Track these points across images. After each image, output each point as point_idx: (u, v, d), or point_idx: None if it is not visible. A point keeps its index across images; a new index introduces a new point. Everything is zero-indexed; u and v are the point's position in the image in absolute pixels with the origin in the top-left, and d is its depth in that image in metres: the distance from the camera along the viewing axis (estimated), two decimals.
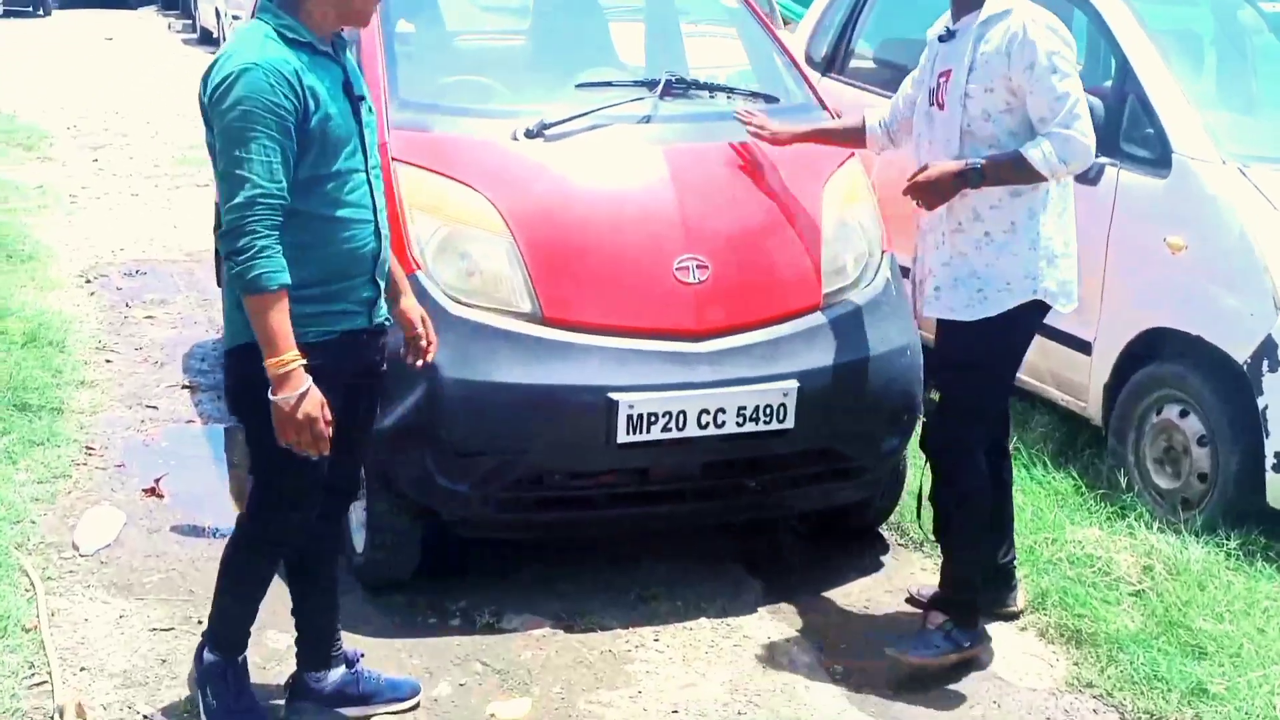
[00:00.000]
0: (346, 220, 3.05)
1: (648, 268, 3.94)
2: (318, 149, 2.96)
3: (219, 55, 2.94)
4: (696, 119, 4.41)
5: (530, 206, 3.97)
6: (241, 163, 2.84)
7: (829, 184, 4.34)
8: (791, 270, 4.11)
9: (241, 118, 2.84)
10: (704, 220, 4.05)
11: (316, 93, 2.94)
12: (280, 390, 2.89)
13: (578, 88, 4.39)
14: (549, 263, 3.90)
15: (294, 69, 2.91)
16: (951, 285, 3.70)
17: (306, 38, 2.98)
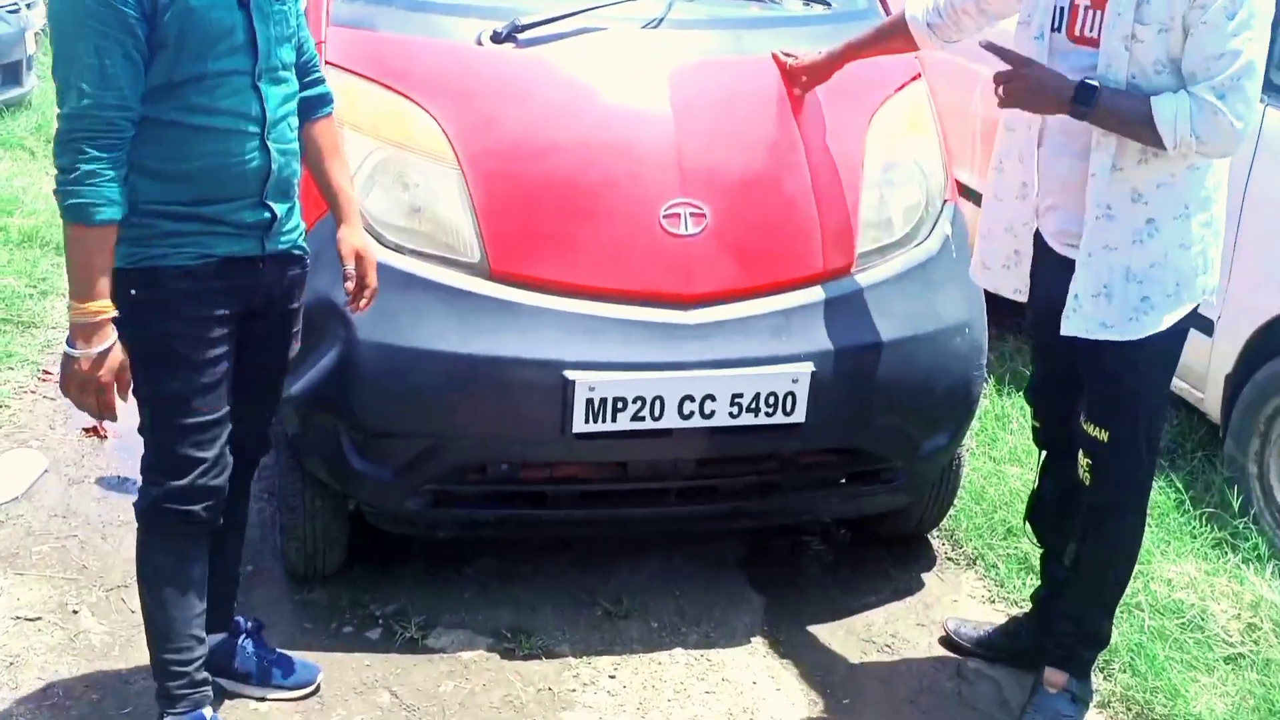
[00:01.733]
0: (217, 131, 2.48)
1: (627, 214, 3.12)
2: (175, 46, 2.38)
3: None
4: (720, 25, 3.52)
5: (486, 131, 3.17)
6: (70, 64, 2.33)
7: (879, 113, 3.44)
8: (815, 222, 3.24)
9: (68, 7, 2.32)
10: (705, 156, 3.20)
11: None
12: (79, 341, 2.41)
13: None
14: (503, 203, 3.11)
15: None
16: (1100, 293, 2.78)
17: None
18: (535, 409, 3.02)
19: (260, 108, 2.51)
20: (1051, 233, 2.93)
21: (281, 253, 2.67)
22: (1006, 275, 3.09)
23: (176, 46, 2.37)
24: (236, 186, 2.53)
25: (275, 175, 2.57)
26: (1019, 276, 3.06)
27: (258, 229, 2.59)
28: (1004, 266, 3.08)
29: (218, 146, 2.47)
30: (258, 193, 2.56)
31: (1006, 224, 3.04)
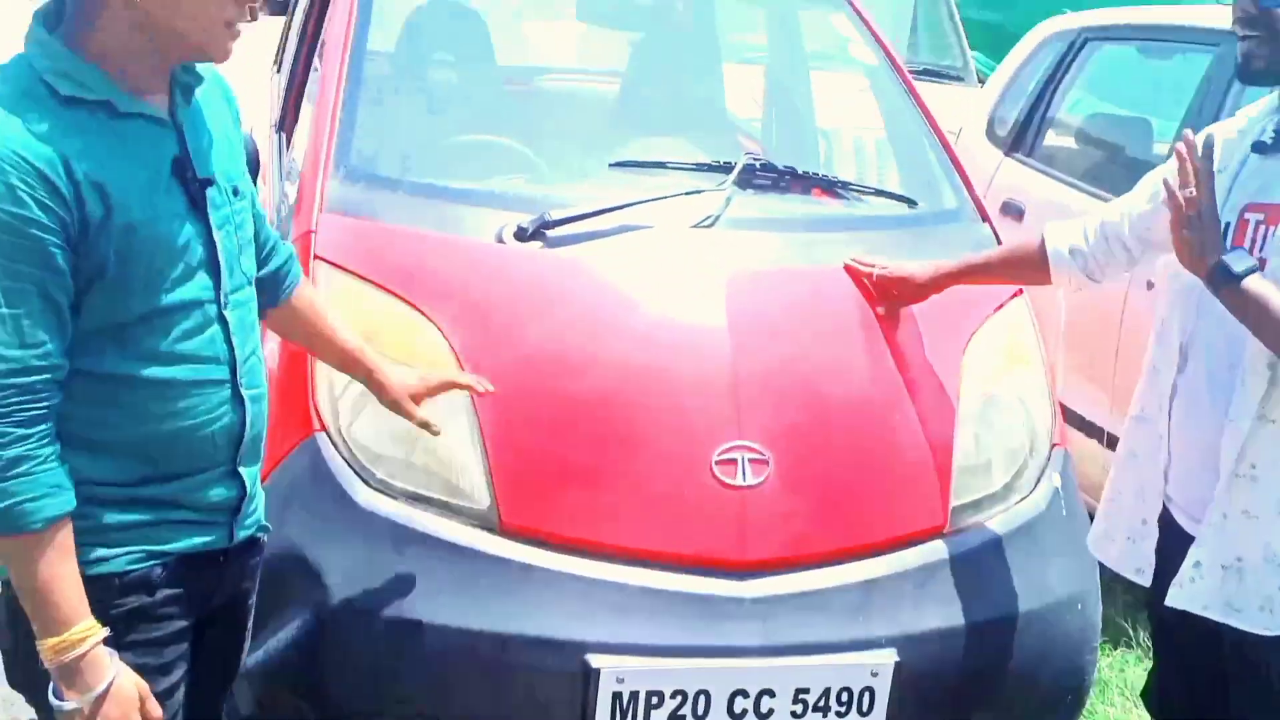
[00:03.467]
0: (177, 384, 1.85)
1: (672, 458, 2.54)
2: (116, 277, 1.75)
3: None
4: (784, 226, 2.97)
5: (503, 347, 2.61)
6: None
7: (976, 337, 2.88)
8: (901, 471, 2.66)
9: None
10: (768, 388, 2.63)
11: (105, 189, 1.71)
12: (68, 691, 1.76)
13: (613, 167, 3.00)
14: (520, 439, 2.53)
15: (55, 155, 1.67)
16: (1231, 565, 2.22)
17: (97, 92, 1.73)
18: (548, 702, 2.41)
19: (228, 345, 1.90)
20: (1182, 504, 2.34)
21: (247, 539, 2.06)
22: (1131, 550, 2.49)
23: (117, 277, 1.75)
24: (201, 455, 1.90)
25: (249, 433, 1.96)
26: (1143, 553, 2.46)
27: (224, 511, 1.97)
28: (1129, 539, 2.49)
29: (177, 405, 1.84)
30: (228, 460, 1.94)
31: (1138, 487, 2.44)
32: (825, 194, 3.15)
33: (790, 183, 3.09)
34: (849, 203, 3.15)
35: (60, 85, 1.70)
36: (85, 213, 1.68)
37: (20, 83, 1.70)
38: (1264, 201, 2.17)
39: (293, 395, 2.58)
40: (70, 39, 1.73)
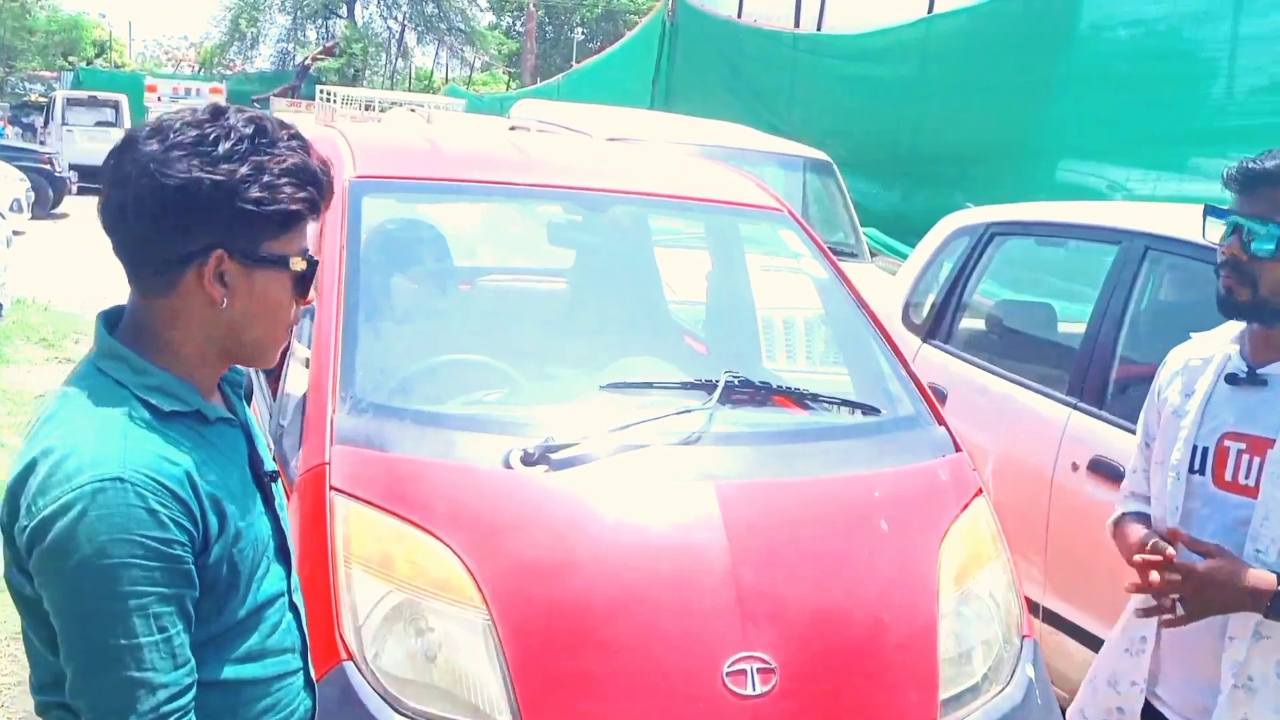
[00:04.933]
0: (264, 681, 1.83)
1: (685, 672, 2.68)
2: (225, 587, 1.74)
3: (34, 452, 1.64)
4: (764, 439, 3.18)
5: (520, 570, 2.74)
6: (122, 655, 1.60)
7: (948, 537, 3.09)
8: (893, 672, 2.84)
9: (105, 578, 1.58)
10: (770, 600, 2.80)
11: (219, 500, 1.71)
12: None
13: (603, 389, 3.20)
14: (541, 657, 2.66)
15: (183, 472, 1.66)
16: None
17: (189, 403, 1.74)
18: None
19: (300, 632, 1.91)
20: (1175, 705, 2.53)
21: None
22: None
23: (229, 584, 1.73)
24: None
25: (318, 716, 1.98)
26: None
27: None
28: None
29: (264, 702, 1.82)
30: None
31: (1110, 676, 2.65)
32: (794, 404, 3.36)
33: (764, 396, 3.31)
34: (817, 412, 3.37)
35: (160, 401, 1.68)
36: (207, 526, 1.67)
37: (119, 402, 1.67)
38: (1244, 431, 2.39)
39: (316, 623, 2.68)
40: (146, 350, 1.72)
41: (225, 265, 1.68)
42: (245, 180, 1.66)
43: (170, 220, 1.65)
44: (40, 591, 1.62)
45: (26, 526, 1.59)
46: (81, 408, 1.66)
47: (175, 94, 34.01)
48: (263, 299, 1.73)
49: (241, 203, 1.66)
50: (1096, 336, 4.48)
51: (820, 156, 9.33)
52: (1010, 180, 8.55)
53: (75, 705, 1.63)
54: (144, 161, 1.65)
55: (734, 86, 13.50)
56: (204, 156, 1.65)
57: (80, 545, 1.56)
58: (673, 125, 9.74)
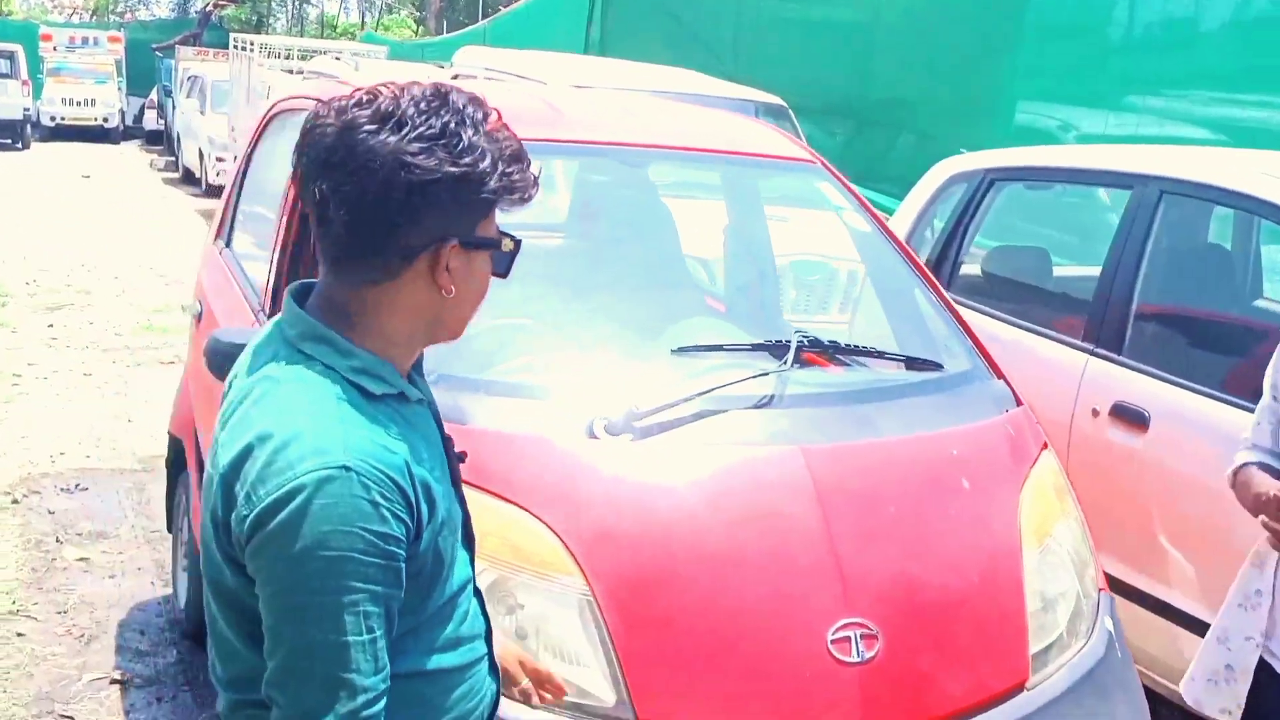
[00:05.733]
0: (457, 670, 1.79)
1: (791, 641, 2.64)
2: (429, 576, 1.69)
3: (248, 437, 1.60)
4: (838, 400, 3.12)
5: (614, 542, 2.68)
6: (329, 651, 1.55)
7: (1024, 491, 3.07)
8: (986, 631, 2.83)
9: (323, 571, 1.53)
10: (868, 564, 2.76)
11: (430, 487, 1.65)
12: None
13: (674, 353, 3.11)
14: (644, 631, 2.60)
15: (402, 461, 1.60)
16: None
17: (395, 385, 1.69)
18: None
19: (484, 617, 1.88)
20: None
21: None
22: (1213, 693, 2.68)
23: (431, 574, 1.68)
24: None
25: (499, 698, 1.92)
26: (1230, 696, 2.66)
27: None
28: (1210, 681, 2.69)
29: (457, 690, 1.78)
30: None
31: (1221, 633, 2.65)
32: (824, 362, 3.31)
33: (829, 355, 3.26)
34: (879, 370, 3.32)
35: (369, 384, 1.64)
36: (420, 514, 1.61)
37: (330, 386, 1.62)
38: None
39: None
40: (347, 332, 1.66)
41: (453, 253, 1.65)
42: (486, 171, 1.62)
43: (413, 213, 1.60)
44: (254, 579, 1.58)
45: (247, 516, 1.55)
46: (292, 392, 1.61)
47: (72, 43, 32.96)
48: (476, 281, 1.71)
49: (483, 194, 1.63)
50: (1112, 282, 4.48)
51: (775, 101, 9.26)
52: (966, 124, 8.55)
53: (271, 696, 1.58)
54: (386, 154, 1.58)
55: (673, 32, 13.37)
56: (450, 150, 1.60)
57: (302, 535, 1.51)
58: (625, 72, 9.61)
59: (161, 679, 4.56)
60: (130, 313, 10.97)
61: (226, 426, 1.65)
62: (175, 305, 11.35)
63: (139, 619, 5.04)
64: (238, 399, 1.66)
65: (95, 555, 5.64)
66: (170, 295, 11.84)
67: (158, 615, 5.07)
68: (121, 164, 26.14)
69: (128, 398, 8.24)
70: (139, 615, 5.07)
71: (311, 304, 1.70)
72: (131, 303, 11.42)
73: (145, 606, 5.15)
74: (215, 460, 1.64)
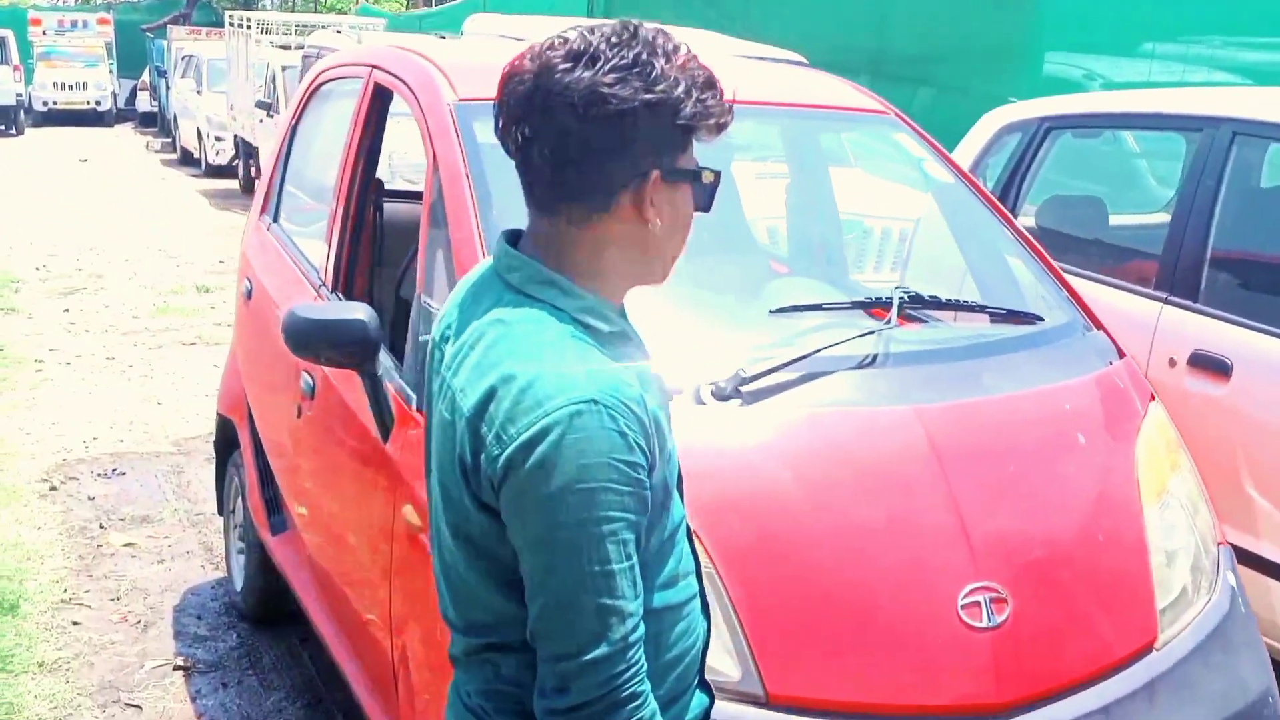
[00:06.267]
0: (678, 607, 1.78)
1: (920, 608, 2.53)
2: (659, 509, 1.69)
3: (490, 380, 1.60)
4: (944, 357, 3.01)
5: (733, 511, 2.56)
6: (596, 582, 1.57)
7: (1139, 442, 2.97)
8: (1113, 590, 2.73)
9: (584, 503, 1.55)
10: (993, 525, 2.65)
11: (659, 421, 1.68)
12: None
13: (773, 314, 3.00)
14: (770, 602, 2.49)
15: (639, 393, 1.62)
16: None
17: (618, 325, 1.72)
18: None
19: (693, 553, 1.86)
20: None
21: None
22: None
23: (660, 508, 1.68)
24: (690, 674, 1.84)
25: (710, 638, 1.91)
26: None
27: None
28: None
29: (679, 627, 1.77)
30: (699, 669, 1.87)
31: None
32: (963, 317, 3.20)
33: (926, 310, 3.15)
34: (978, 325, 3.22)
35: (597, 323, 1.66)
36: (653, 446, 1.62)
37: (562, 326, 1.63)
38: None
39: None
40: (569, 275, 1.68)
41: (656, 186, 1.65)
42: (681, 98, 1.62)
43: (615, 147, 1.61)
44: (505, 522, 1.59)
45: (499, 455, 1.56)
46: (527, 332, 1.63)
47: (61, 26, 32.65)
48: (681, 214, 1.70)
49: (679, 120, 1.62)
50: (1185, 227, 4.37)
51: (794, 58, 9.10)
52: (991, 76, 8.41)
53: (538, 633, 1.60)
54: (583, 88, 1.59)
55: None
56: (645, 78, 1.60)
57: (560, 469, 1.53)
58: None
59: (224, 664, 4.47)
60: (144, 295, 10.86)
61: (459, 372, 1.65)
62: (188, 286, 11.24)
63: (194, 603, 4.95)
64: (468, 343, 1.67)
65: (141, 540, 5.55)
66: (182, 276, 11.74)
67: (212, 599, 4.98)
68: (117, 147, 25.93)
69: (153, 380, 8.14)
70: (193, 600, 4.98)
71: (526, 248, 1.71)
72: (144, 285, 11.31)
73: (198, 590, 5.06)
74: (454, 405, 1.64)
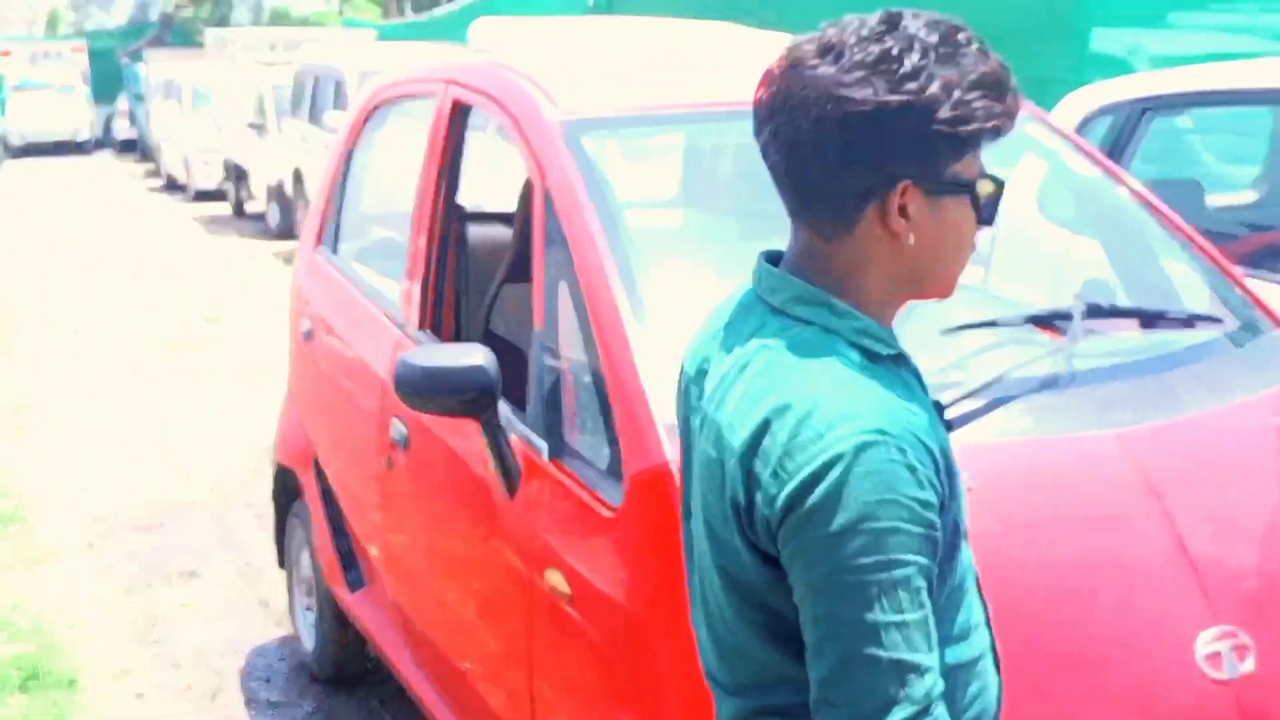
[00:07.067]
0: (971, 663, 1.58)
1: (1157, 657, 2.25)
2: (948, 552, 1.49)
3: (763, 411, 1.44)
4: (1129, 372, 2.70)
5: None
6: (890, 635, 1.38)
7: None
8: None
9: (872, 545, 1.38)
10: (1224, 562, 2.36)
11: (948, 455, 1.50)
12: None
13: (944, 334, 2.70)
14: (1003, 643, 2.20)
15: (926, 422, 1.46)
16: None
17: (895, 346, 1.54)
18: None
19: (981, 599, 1.64)
20: None
21: None
22: None
23: (949, 550, 1.48)
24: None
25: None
26: None
27: None
28: None
29: (974, 685, 1.58)
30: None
31: None
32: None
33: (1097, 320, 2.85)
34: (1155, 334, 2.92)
35: (874, 346, 1.49)
36: (942, 483, 1.44)
37: (837, 350, 1.47)
38: None
39: None
40: (834, 294, 1.50)
41: (908, 197, 1.46)
42: (936, 99, 1.42)
43: (852, 152, 1.43)
44: (786, 568, 1.43)
45: (777, 494, 1.41)
46: (800, 358, 1.46)
47: (34, 57, 32.27)
48: (949, 229, 1.50)
49: (933, 125, 1.42)
50: None
51: None
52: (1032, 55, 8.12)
53: (829, 697, 1.40)
54: (821, 86, 1.43)
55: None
56: (889, 76, 1.42)
57: (845, 508, 1.37)
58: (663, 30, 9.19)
59: None
60: (152, 327, 10.54)
61: (724, 404, 1.50)
62: (196, 318, 10.93)
63: (260, 666, 4.64)
64: (732, 373, 1.51)
65: (192, 598, 5.23)
66: (188, 308, 11.40)
67: (279, 659, 4.67)
68: (100, 176, 25.52)
69: (178, 420, 7.82)
70: (259, 662, 4.67)
71: (789, 265, 1.55)
72: (150, 319, 10.98)
73: (263, 651, 4.75)
74: (721, 442, 1.48)
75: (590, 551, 2.46)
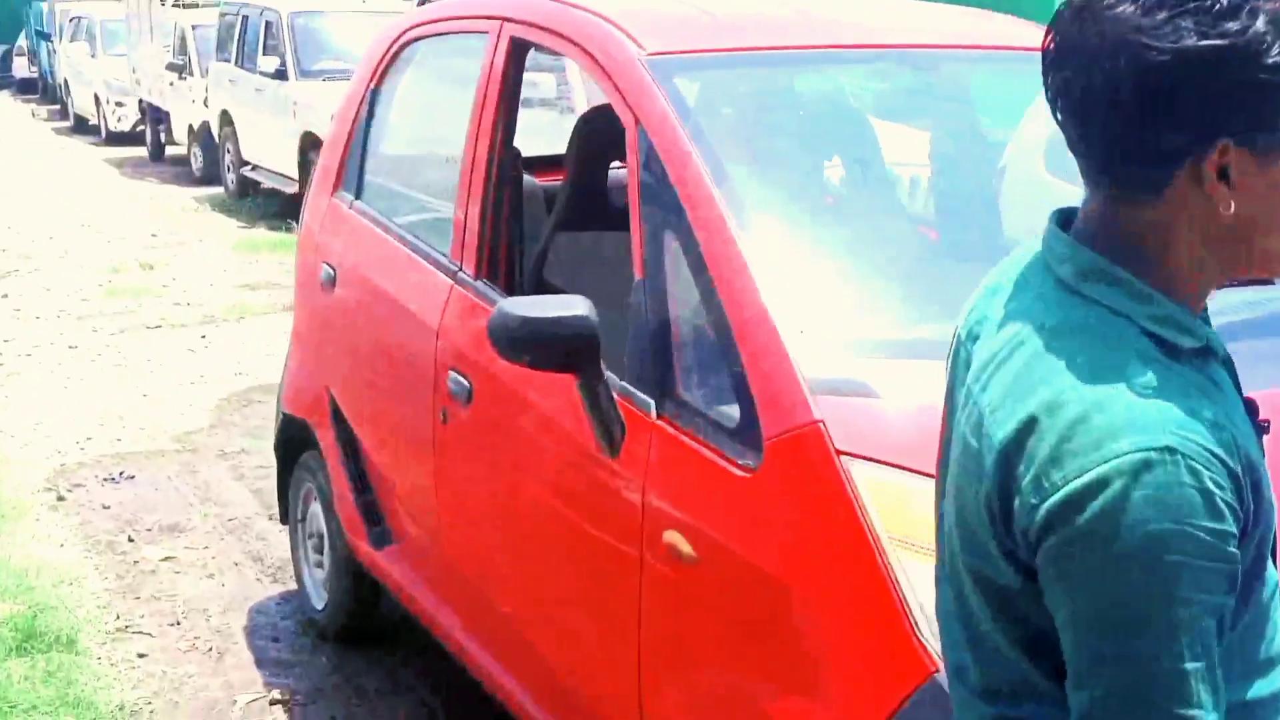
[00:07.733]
0: (1273, 700, 1.37)
1: None
2: (1250, 580, 1.28)
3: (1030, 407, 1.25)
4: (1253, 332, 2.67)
5: None
6: (1165, 684, 1.21)
7: None
8: None
9: (1154, 580, 1.19)
10: None
11: (1256, 468, 1.27)
12: None
13: None
14: None
15: (1230, 437, 1.23)
16: None
17: (1203, 337, 1.30)
18: None
19: None
20: None
21: None
22: None
23: (1251, 578, 1.28)
24: None
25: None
26: None
27: None
28: None
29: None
30: None
31: None
32: None
33: None
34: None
35: (1175, 338, 1.27)
36: (1247, 504, 1.24)
37: (1128, 340, 1.26)
38: None
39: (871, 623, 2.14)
40: (1136, 271, 1.29)
41: (1230, 158, 1.24)
42: (1263, 40, 1.21)
43: (1157, 105, 1.22)
44: (1048, 589, 1.26)
45: (1037, 506, 1.22)
46: (1082, 347, 1.26)
47: None
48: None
49: (1260, 73, 1.21)
50: None
51: None
52: None
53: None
54: (1118, 30, 1.22)
55: None
56: (1201, 14, 1.20)
57: (1122, 534, 1.18)
58: None
59: (324, 692, 4.04)
60: (85, 274, 10.18)
61: (990, 387, 1.32)
62: (129, 263, 10.58)
63: (264, 624, 4.49)
64: (1002, 352, 1.32)
65: (179, 553, 5.04)
66: (118, 252, 11.05)
67: (283, 617, 4.53)
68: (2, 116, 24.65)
69: (129, 369, 7.55)
70: (262, 619, 4.52)
71: (1080, 232, 1.34)
72: (81, 264, 10.62)
73: (264, 608, 4.60)
74: (981, 430, 1.31)
75: (722, 514, 2.36)
